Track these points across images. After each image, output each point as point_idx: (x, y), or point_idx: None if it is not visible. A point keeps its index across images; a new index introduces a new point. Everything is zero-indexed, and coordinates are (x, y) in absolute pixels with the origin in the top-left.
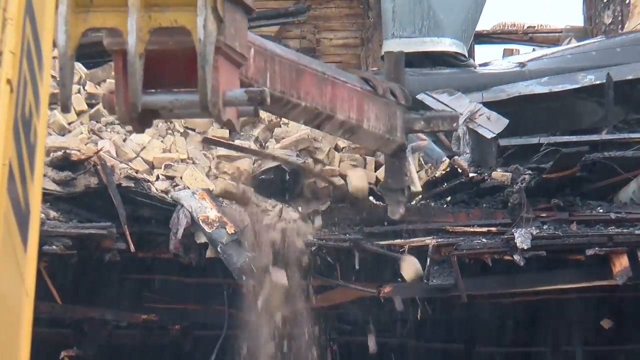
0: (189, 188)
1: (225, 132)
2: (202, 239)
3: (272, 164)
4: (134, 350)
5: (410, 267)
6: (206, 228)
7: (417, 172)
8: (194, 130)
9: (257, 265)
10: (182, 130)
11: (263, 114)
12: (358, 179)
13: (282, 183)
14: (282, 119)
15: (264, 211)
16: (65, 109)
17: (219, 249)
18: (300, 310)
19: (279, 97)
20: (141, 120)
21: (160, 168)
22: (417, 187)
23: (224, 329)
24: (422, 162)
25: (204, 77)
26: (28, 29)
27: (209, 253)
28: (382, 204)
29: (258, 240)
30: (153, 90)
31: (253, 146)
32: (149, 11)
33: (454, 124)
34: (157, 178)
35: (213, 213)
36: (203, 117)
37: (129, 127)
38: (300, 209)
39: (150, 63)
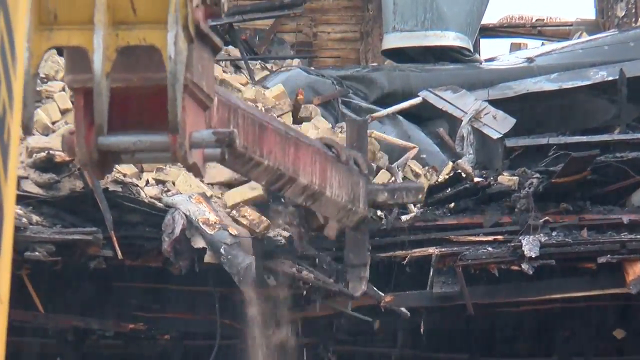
0: (182, 194)
1: None
2: (199, 244)
3: None
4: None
5: None
6: (207, 230)
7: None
8: None
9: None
10: None
11: None
12: None
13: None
14: None
15: None
16: (27, 131)
17: (222, 250)
18: (296, 319)
19: (241, 152)
20: (101, 164)
21: (150, 172)
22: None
23: (217, 339)
24: (418, 169)
25: (174, 97)
26: (1, 23)
27: (207, 258)
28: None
29: None
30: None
31: None
32: (116, 29)
33: (419, 196)
34: (147, 183)
35: (212, 216)
36: (167, 161)
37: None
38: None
39: (112, 104)
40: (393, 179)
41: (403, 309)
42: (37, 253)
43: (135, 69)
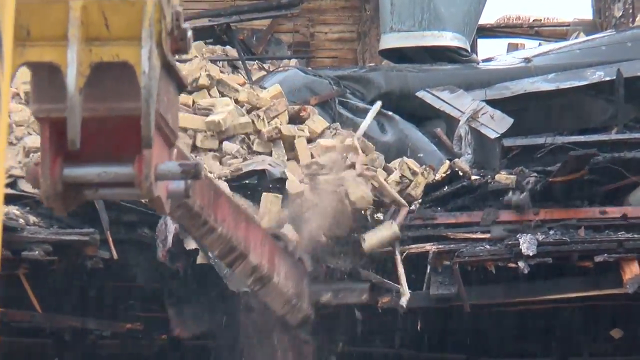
0: None
1: None
2: (191, 246)
3: (256, 167)
4: None
5: None
6: None
7: (413, 179)
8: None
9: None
10: None
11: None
12: (360, 190)
13: (264, 189)
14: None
15: None
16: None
17: (210, 253)
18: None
19: (197, 212)
20: (64, 198)
21: None
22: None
23: (216, 339)
24: (416, 168)
25: (147, 112)
26: None
27: (199, 259)
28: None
29: None
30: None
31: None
32: (90, 45)
33: (363, 296)
34: None
35: None
36: (132, 197)
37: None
38: None
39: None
40: (390, 177)
41: (402, 302)
42: (34, 253)
43: (101, 99)
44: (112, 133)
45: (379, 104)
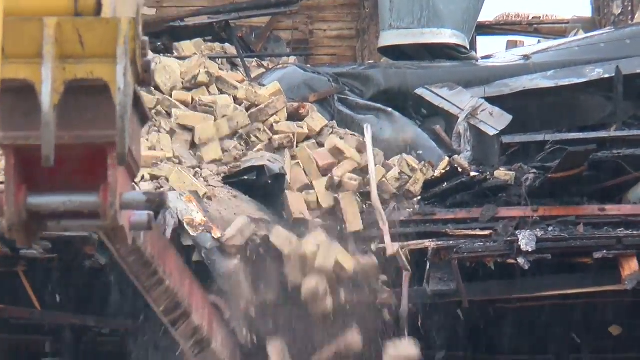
0: (175, 190)
1: None
2: (188, 242)
3: (254, 163)
4: (117, 358)
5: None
6: (191, 231)
7: (412, 175)
8: (185, 128)
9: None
10: (167, 128)
11: None
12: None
13: (263, 185)
14: None
15: None
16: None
17: (202, 253)
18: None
19: (149, 260)
20: (28, 228)
21: (145, 167)
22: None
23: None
24: (414, 164)
25: (123, 128)
26: None
27: (195, 257)
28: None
29: None
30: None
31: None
32: (64, 62)
33: None
34: (142, 178)
35: (199, 217)
36: (95, 229)
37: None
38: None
39: (39, 165)
40: (389, 174)
41: (404, 304)
42: (33, 251)
43: (67, 127)
44: (77, 162)
45: (368, 126)
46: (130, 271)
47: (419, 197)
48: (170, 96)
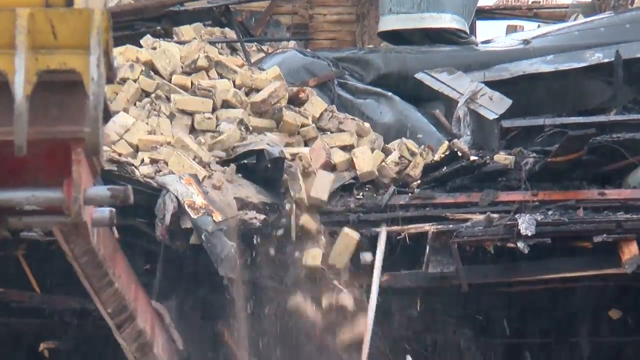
0: (174, 173)
1: None
2: (187, 224)
3: (254, 146)
4: (117, 342)
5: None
6: (192, 214)
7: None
8: (184, 112)
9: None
10: (167, 112)
11: None
12: (366, 163)
13: (263, 169)
14: None
15: None
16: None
17: (203, 236)
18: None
19: (101, 262)
20: None
21: (145, 151)
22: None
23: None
24: (414, 148)
25: (96, 118)
26: None
27: (192, 239)
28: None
29: None
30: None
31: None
32: (37, 53)
33: None
34: (142, 162)
35: (199, 199)
36: (57, 225)
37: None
38: None
39: (3, 161)
40: (389, 158)
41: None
42: (33, 233)
43: (32, 123)
44: (41, 158)
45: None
46: (81, 272)
47: (419, 181)
48: (170, 81)
